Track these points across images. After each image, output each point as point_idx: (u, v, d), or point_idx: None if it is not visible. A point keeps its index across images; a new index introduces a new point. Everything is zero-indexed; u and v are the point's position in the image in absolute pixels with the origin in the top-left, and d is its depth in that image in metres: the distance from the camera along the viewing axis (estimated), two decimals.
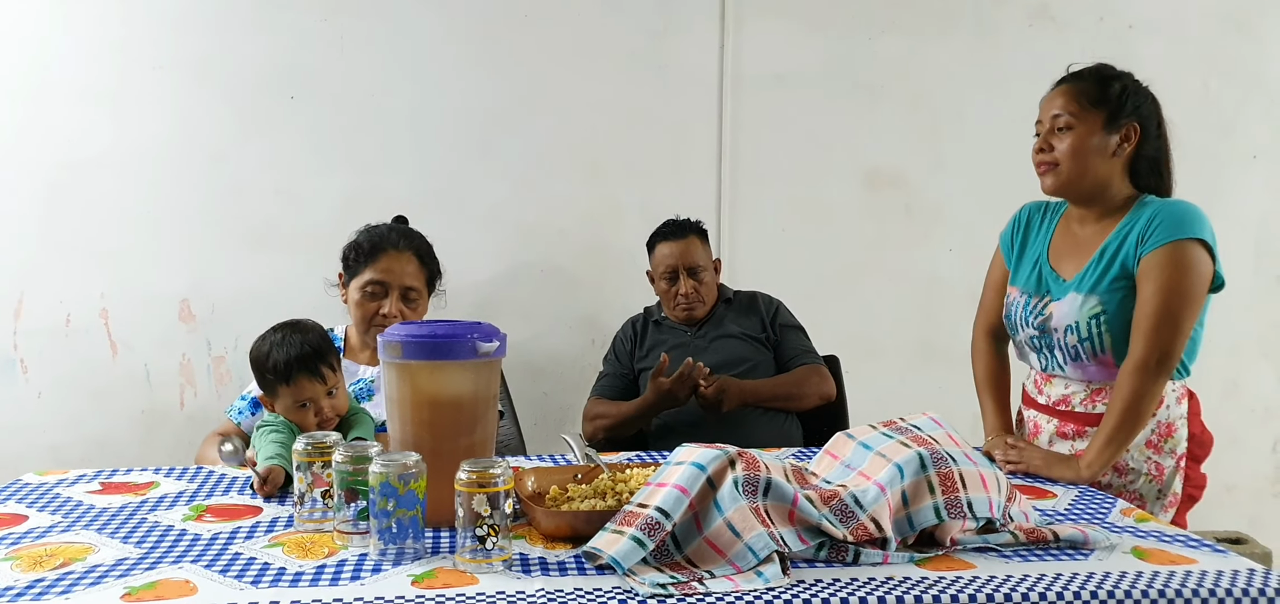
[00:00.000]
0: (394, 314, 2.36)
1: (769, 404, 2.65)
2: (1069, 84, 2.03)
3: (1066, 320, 1.99)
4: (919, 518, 1.46)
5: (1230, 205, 3.35)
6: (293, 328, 2.00)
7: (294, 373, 1.93)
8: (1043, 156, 2.02)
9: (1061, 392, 2.07)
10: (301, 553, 1.44)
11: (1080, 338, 1.98)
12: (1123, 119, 1.99)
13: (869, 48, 3.21)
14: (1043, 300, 2.06)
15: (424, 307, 2.48)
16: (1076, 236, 2.08)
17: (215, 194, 2.98)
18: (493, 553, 1.36)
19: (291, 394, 1.95)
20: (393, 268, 2.39)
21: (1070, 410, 2.05)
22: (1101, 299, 1.96)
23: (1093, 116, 1.98)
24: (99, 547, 1.47)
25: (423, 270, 2.45)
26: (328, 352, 1.98)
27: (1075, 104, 1.99)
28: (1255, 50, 3.34)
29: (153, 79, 2.93)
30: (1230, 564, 1.39)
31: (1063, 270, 2.06)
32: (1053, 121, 2.01)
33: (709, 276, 2.82)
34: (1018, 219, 2.23)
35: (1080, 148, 1.98)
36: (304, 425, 1.95)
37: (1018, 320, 2.11)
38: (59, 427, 2.97)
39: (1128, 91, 2.00)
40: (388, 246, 2.41)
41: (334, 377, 1.98)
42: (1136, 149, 2.00)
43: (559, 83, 3.10)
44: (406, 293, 2.40)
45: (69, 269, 2.94)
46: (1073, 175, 1.99)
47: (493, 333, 1.61)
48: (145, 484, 1.84)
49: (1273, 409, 3.49)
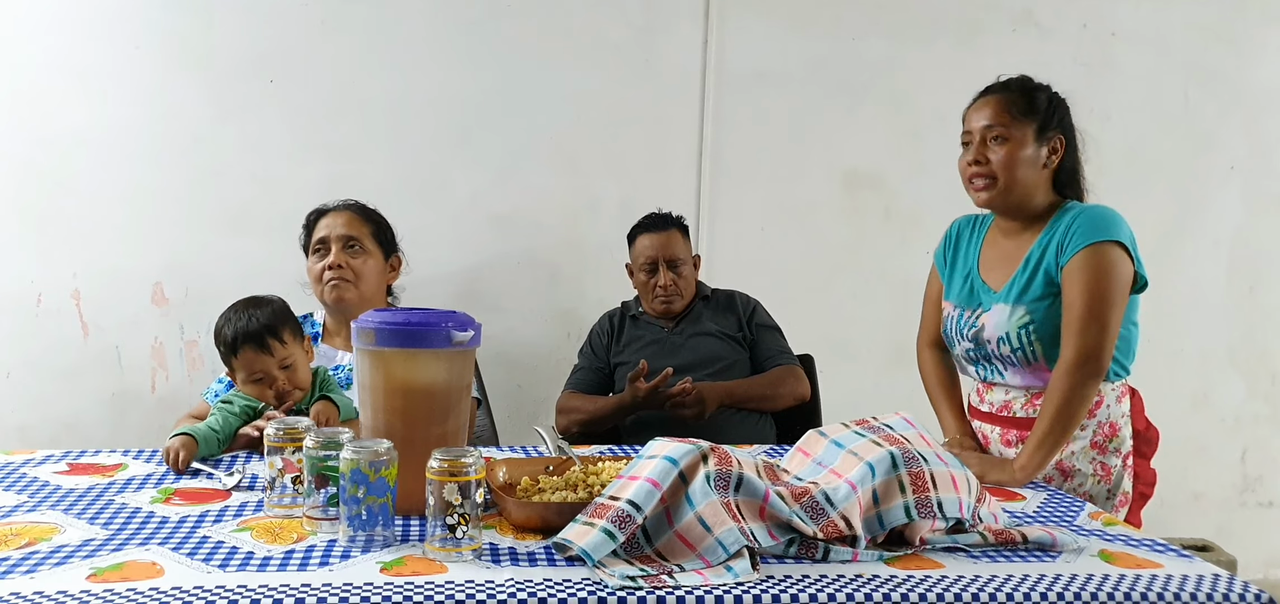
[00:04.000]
0: (337, 263, 2.42)
1: (744, 404, 2.66)
2: (997, 95, 2.04)
3: (997, 332, 2.02)
4: (889, 517, 1.47)
5: (1206, 216, 3.39)
6: (250, 303, 2.07)
7: (239, 345, 2.00)
8: (978, 169, 2.03)
9: (1002, 398, 2.09)
10: (270, 538, 1.43)
11: (1012, 348, 2.00)
12: (1050, 130, 2.02)
13: (852, 49, 3.21)
14: (975, 313, 2.08)
15: (376, 262, 2.49)
16: (1002, 247, 2.10)
17: (192, 177, 2.96)
18: (463, 542, 1.35)
19: (242, 367, 2.01)
20: (330, 224, 2.49)
21: (1012, 416, 2.06)
22: (1029, 309, 1.98)
23: (1024, 127, 2.00)
24: (65, 527, 1.46)
25: (364, 223, 2.51)
26: (279, 325, 2.02)
27: (1006, 115, 2.00)
28: (1236, 62, 3.37)
29: (131, 59, 2.90)
30: (1195, 569, 1.40)
31: (992, 281, 2.08)
32: (984, 133, 2.02)
33: (688, 271, 2.82)
34: (949, 235, 2.26)
35: (1015, 159, 2.00)
36: (262, 400, 2.00)
37: (954, 335, 2.13)
38: (27, 407, 2.94)
39: (1054, 102, 2.04)
40: (325, 213, 2.53)
41: (285, 350, 2.01)
42: (1061, 160, 2.04)
43: (540, 74, 3.09)
44: (346, 242, 2.46)
45: (41, 248, 2.91)
46: (1007, 187, 2.01)
47: (467, 322, 1.61)
48: (113, 466, 1.83)
49: (1243, 419, 3.52)
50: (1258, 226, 3.44)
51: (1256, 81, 3.39)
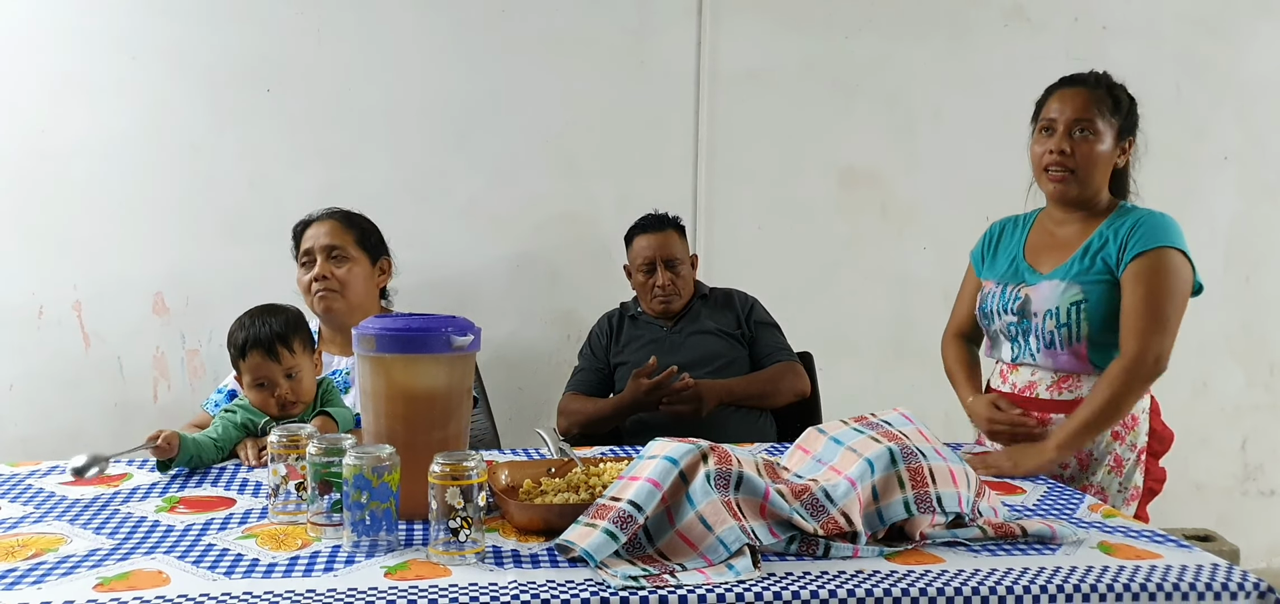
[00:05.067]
0: (322, 274, 2.43)
1: (744, 401, 2.67)
2: (1087, 89, 2.02)
3: (1047, 305, 2.02)
4: (889, 512, 1.48)
5: (1201, 207, 3.39)
6: (266, 309, 2.09)
7: (248, 349, 2.01)
8: (1060, 159, 2.01)
9: (1027, 378, 2.09)
10: (275, 545, 1.44)
11: (1058, 324, 2.00)
12: (1128, 133, 2.03)
13: (845, 46, 3.22)
14: (1019, 287, 2.08)
15: (361, 268, 2.49)
16: (1054, 236, 2.10)
17: (190, 185, 2.96)
18: (466, 545, 1.36)
19: (248, 371, 2.03)
20: (314, 235, 2.49)
21: (1035, 397, 2.07)
22: (1084, 288, 1.99)
23: (1109, 126, 2.00)
24: (71, 537, 1.47)
25: (346, 229, 2.51)
26: (290, 335, 2.04)
27: (1095, 110, 1.99)
28: (1228, 53, 3.38)
29: (129, 68, 2.91)
30: (1195, 559, 1.41)
31: (1039, 265, 2.09)
32: (1070, 124, 2.00)
33: (686, 270, 2.83)
34: (989, 235, 2.26)
35: (1097, 156, 2.00)
36: (264, 408, 2.02)
37: (995, 308, 2.12)
38: (30, 419, 2.95)
39: (1133, 105, 2.04)
40: (310, 224, 2.53)
41: (292, 359, 2.03)
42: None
43: (536, 77, 3.10)
44: (330, 252, 2.46)
45: (42, 260, 2.92)
46: (1084, 181, 2.01)
47: (467, 327, 1.62)
48: (117, 476, 1.83)
49: (1242, 409, 3.54)
50: (1253, 216, 3.46)
51: (1249, 71, 3.40)
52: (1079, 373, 2.02)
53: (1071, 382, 2.03)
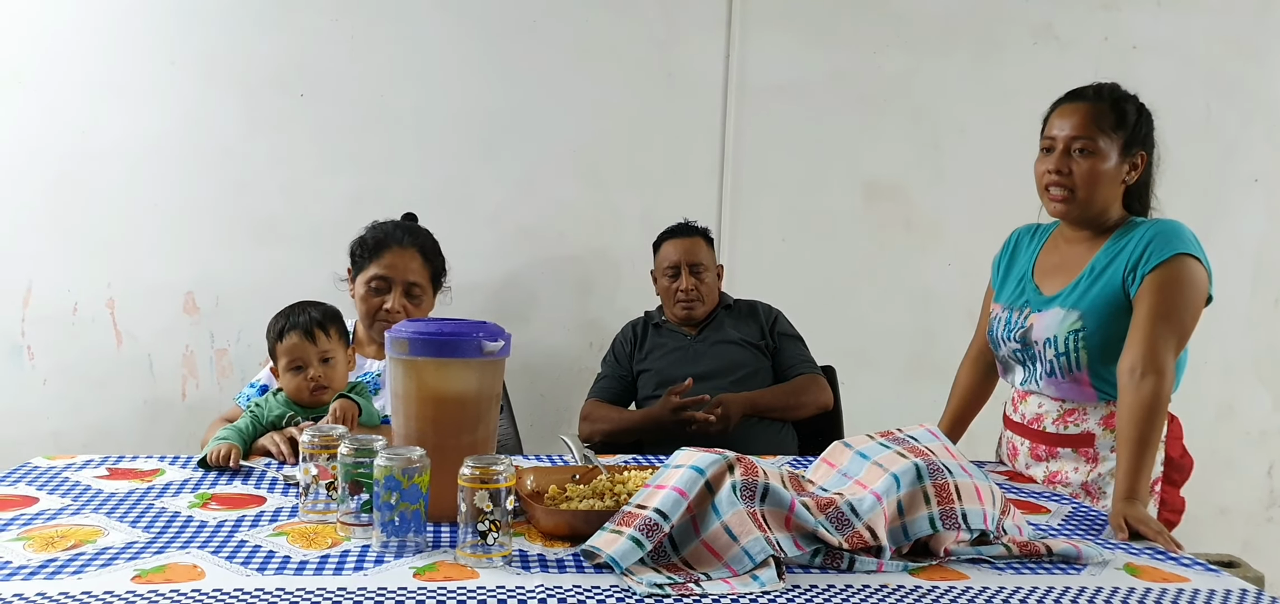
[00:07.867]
0: (397, 309, 2.40)
1: (767, 413, 2.67)
2: (1087, 104, 1.97)
3: (1046, 334, 1.99)
4: (914, 528, 1.48)
5: (1230, 228, 3.37)
6: (305, 302, 2.18)
7: (286, 331, 2.09)
8: (1060, 180, 1.97)
9: (1035, 410, 2.08)
10: (305, 543, 1.46)
11: (1057, 353, 1.98)
12: (1136, 146, 1.97)
13: (872, 62, 3.23)
14: (1024, 313, 2.05)
15: (429, 303, 2.51)
16: (1063, 254, 2.07)
17: (223, 189, 3.01)
18: (493, 548, 1.38)
19: (284, 354, 2.10)
20: (396, 264, 2.43)
21: (1042, 430, 2.06)
22: (1083, 314, 1.95)
23: (1112, 142, 1.95)
24: (108, 530, 1.50)
25: (427, 267, 2.49)
26: (328, 323, 2.13)
27: (1095, 127, 1.94)
28: (1258, 74, 3.36)
29: (165, 74, 2.95)
30: (1223, 584, 1.41)
31: (1045, 287, 2.06)
32: (1068, 142, 1.96)
33: (711, 278, 2.84)
34: (1009, 243, 2.24)
35: (1098, 174, 1.95)
36: (298, 393, 2.09)
37: (1000, 336, 2.11)
38: (62, 413, 3.00)
39: (1142, 117, 1.98)
40: (392, 243, 2.46)
41: (328, 344, 2.11)
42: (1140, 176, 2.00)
43: (564, 87, 3.12)
44: (409, 289, 2.44)
45: (77, 259, 2.97)
46: (1086, 201, 1.97)
47: (498, 332, 1.64)
48: (151, 471, 1.87)
49: (1268, 433, 3.50)
50: None
51: (1278, 92, 3.38)
52: (1084, 404, 2.00)
53: (1077, 414, 2.01)
